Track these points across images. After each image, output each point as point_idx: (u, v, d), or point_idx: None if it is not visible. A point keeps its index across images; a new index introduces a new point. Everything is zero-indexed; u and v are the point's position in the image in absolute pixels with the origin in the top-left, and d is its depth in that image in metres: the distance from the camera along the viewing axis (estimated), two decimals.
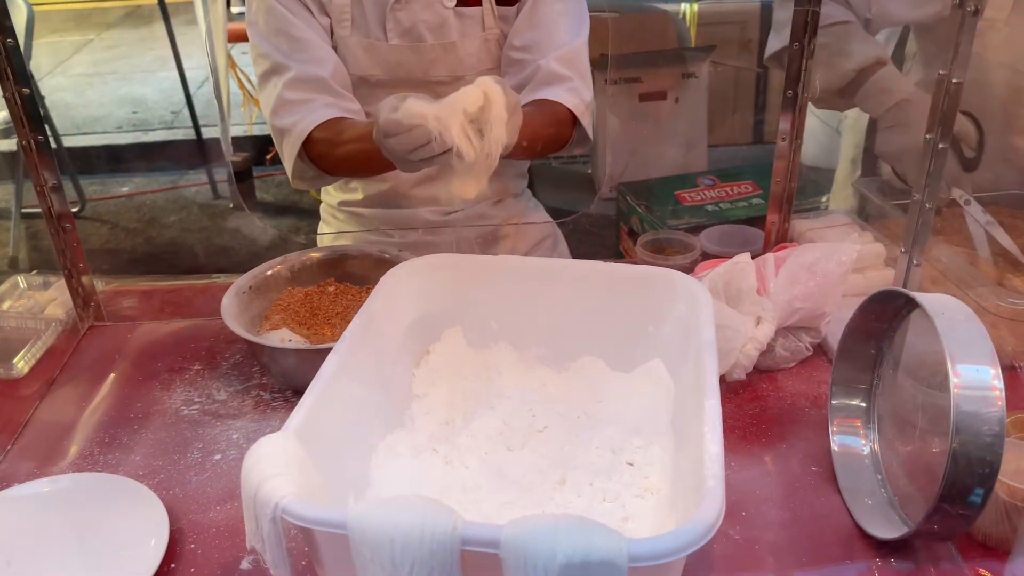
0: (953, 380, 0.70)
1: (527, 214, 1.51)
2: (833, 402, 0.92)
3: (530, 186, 1.59)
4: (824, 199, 2.00)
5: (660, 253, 1.28)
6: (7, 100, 1.06)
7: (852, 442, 0.91)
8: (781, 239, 1.22)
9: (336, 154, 1.17)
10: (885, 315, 0.87)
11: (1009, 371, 0.98)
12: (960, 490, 0.70)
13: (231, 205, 3.81)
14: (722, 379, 1.01)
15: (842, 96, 1.32)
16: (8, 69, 1.04)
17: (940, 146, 0.82)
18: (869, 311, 0.87)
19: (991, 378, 0.70)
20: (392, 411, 0.92)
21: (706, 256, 1.26)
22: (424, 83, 1.29)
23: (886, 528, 0.80)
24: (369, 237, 1.41)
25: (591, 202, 2.55)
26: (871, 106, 1.28)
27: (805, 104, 1.12)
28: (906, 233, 0.91)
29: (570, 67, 1.25)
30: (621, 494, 0.83)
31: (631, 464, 0.87)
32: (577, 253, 1.57)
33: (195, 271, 3.40)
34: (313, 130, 1.17)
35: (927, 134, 0.84)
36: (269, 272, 1.12)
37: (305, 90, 1.19)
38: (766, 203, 1.49)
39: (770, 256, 1.05)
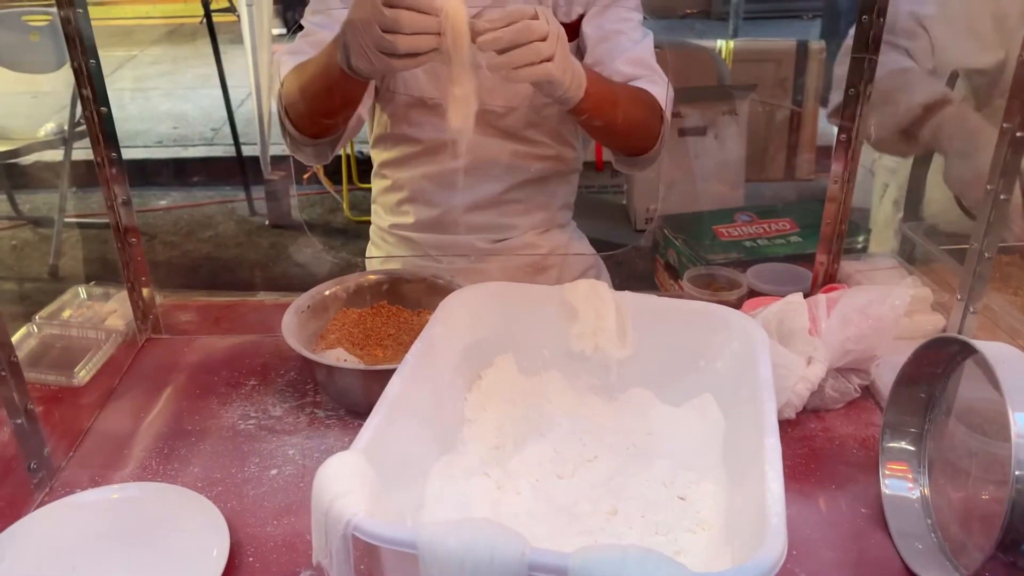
0: (1014, 429, 0.71)
1: (572, 245, 1.54)
2: (884, 445, 0.93)
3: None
4: (860, 239, 2.01)
5: (707, 288, 1.29)
6: (86, 118, 1.10)
7: (902, 486, 0.91)
8: (829, 280, 1.23)
9: (298, 87, 1.11)
10: (939, 361, 0.88)
11: None
12: (1017, 539, 0.71)
13: (267, 222, 3.88)
14: None
15: (905, 137, 1.33)
16: (89, 88, 1.09)
17: (1002, 197, 0.84)
18: (923, 356, 0.88)
19: None
20: (446, 434, 0.94)
21: (752, 293, 1.27)
22: (480, 111, 1.32)
23: (939, 574, 0.80)
24: (418, 262, 1.44)
25: (629, 233, 2.58)
26: (941, 137, 1.28)
27: (859, 148, 1.13)
28: (963, 280, 0.92)
29: (640, 66, 1.26)
30: (673, 528, 0.84)
31: (683, 499, 0.88)
32: (613, 284, 1.59)
33: (230, 287, 3.46)
34: (288, 74, 1.14)
35: (988, 184, 0.85)
36: (327, 292, 1.15)
37: (310, 46, 1.17)
38: (804, 241, 1.51)
39: (821, 297, 1.06)
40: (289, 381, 1.13)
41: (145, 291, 1.23)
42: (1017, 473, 0.70)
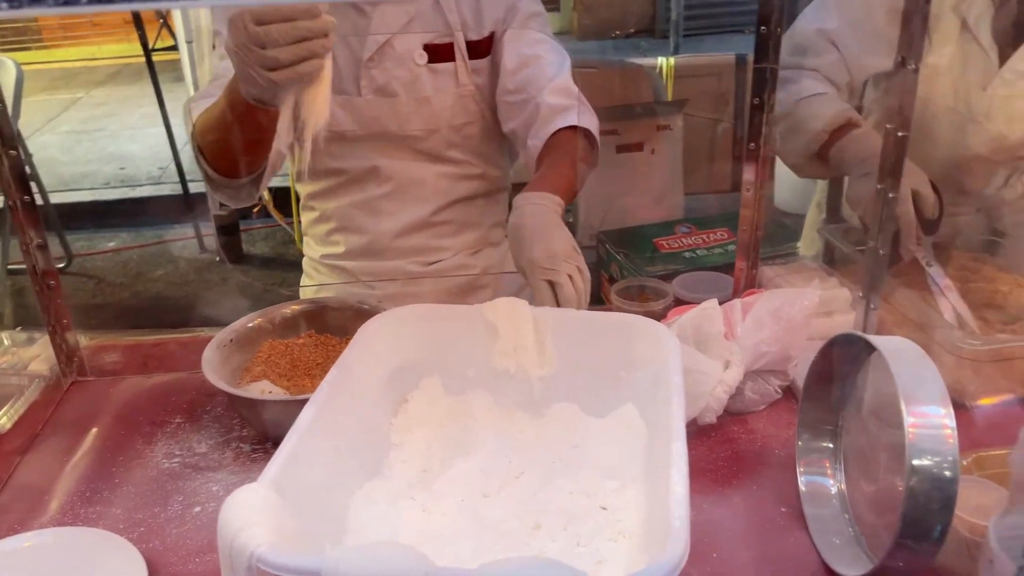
0: (907, 420, 0.73)
1: (506, 263, 1.55)
2: (800, 443, 0.95)
3: None
4: (798, 244, 2.06)
5: (634, 300, 1.31)
6: None
7: (820, 482, 0.93)
8: (749, 285, 1.26)
9: (210, 128, 1.12)
10: (847, 358, 0.90)
11: (968, 411, 1.01)
12: (919, 526, 0.72)
13: (217, 259, 3.84)
14: (693, 422, 1.03)
15: (818, 160, 1.36)
16: None
17: (890, 195, 0.87)
18: (830, 354, 0.90)
19: (943, 417, 0.73)
20: (370, 460, 0.93)
21: (679, 302, 1.29)
22: (400, 136, 1.34)
23: (852, 566, 0.82)
24: (351, 290, 1.44)
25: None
26: (845, 159, 1.31)
27: (767, 156, 1.16)
28: (863, 278, 0.95)
29: (567, 96, 1.30)
30: (595, 538, 0.85)
31: (605, 508, 0.89)
32: None
33: (181, 325, 3.41)
34: (198, 117, 1.15)
35: (878, 184, 0.88)
36: (250, 325, 1.15)
37: (219, 89, 1.17)
38: None
39: (737, 302, 1.09)
40: (215, 417, 1.12)
41: (68, 334, 1.21)
42: (912, 463, 0.72)
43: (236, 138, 1.09)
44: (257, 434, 1.07)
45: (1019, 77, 1.33)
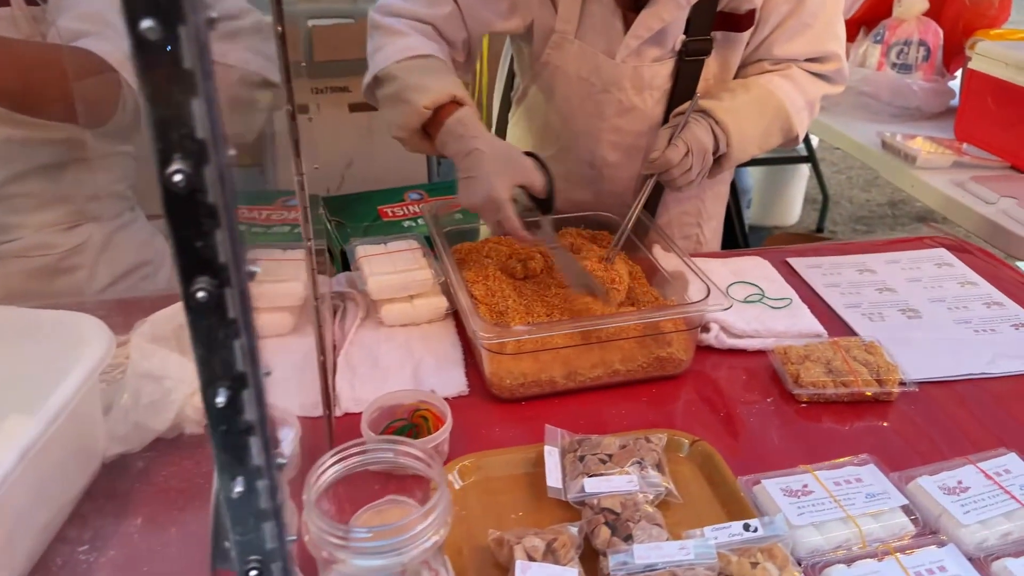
0: None
1: (117, 239, 1.38)
2: None
3: None
4: None
5: None
6: None
7: None
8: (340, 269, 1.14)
9: None
10: None
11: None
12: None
13: None
14: (179, 435, 0.91)
15: (424, 136, 1.21)
16: None
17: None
18: None
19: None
20: None
21: None
22: None
23: None
24: None
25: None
26: (448, 150, 1.16)
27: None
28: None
29: (89, 21, 1.13)
30: None
31: None
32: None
33: None
34: None
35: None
36: None
37: None
38: (465, 217, 1.42)
39: None
40: None
41: None
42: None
43: None
44: None
45: (643, 44, 1.24)
